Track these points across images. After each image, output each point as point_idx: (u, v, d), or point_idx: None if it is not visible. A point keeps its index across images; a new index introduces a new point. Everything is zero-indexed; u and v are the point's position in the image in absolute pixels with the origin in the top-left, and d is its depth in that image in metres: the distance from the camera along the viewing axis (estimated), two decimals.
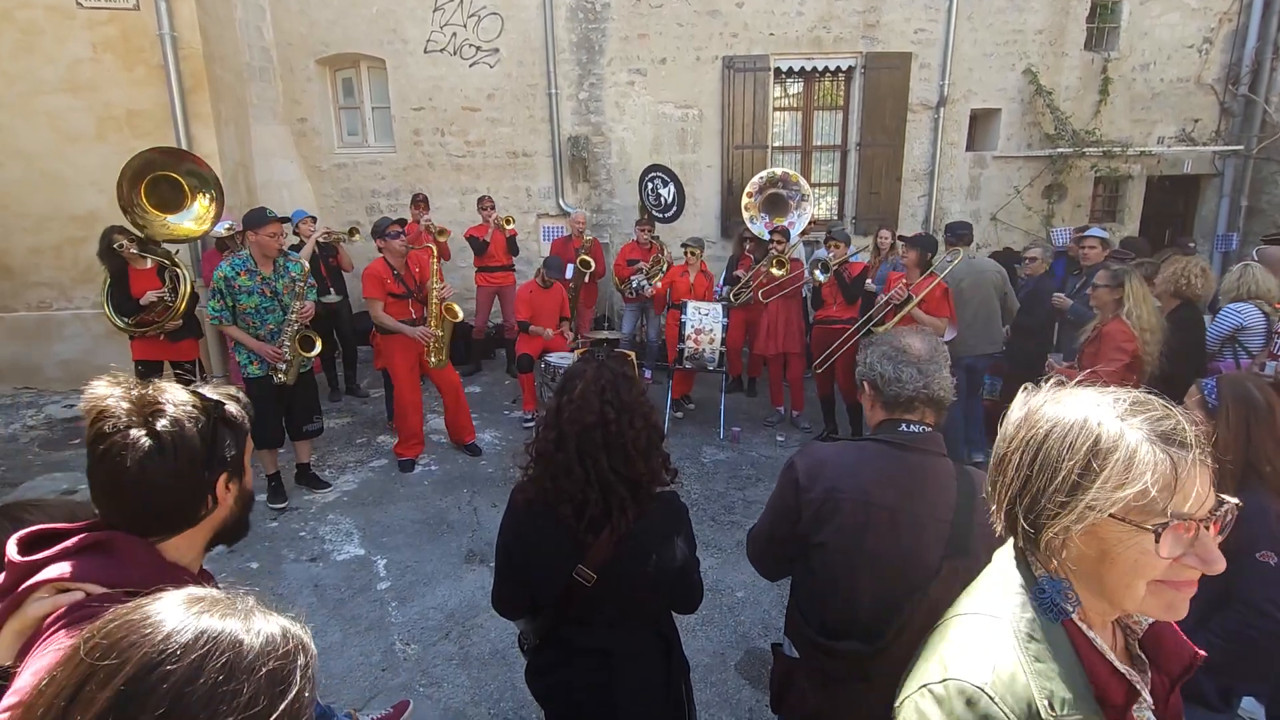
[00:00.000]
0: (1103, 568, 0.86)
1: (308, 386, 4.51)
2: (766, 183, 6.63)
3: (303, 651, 0.69)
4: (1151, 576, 0.83)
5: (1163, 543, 0.80)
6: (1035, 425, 0.91)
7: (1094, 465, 0.83)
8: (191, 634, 0.63)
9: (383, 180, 8.21)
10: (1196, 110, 8.04)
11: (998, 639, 0.91)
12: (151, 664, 0.61)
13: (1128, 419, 0.85)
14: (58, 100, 6.11)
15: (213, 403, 1.09)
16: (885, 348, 1.60)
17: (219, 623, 0.65)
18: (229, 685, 0.62)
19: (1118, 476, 0.81)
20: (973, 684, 0.88)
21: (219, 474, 1.08)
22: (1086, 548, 0.86)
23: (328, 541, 4.10)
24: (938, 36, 7.74)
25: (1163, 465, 0.80)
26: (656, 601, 1.71)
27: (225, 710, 0.61)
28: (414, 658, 3.11)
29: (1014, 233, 8.22)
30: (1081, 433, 0.85)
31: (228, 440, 1.10)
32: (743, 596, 3.53)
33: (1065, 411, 0.89)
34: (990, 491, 0.97)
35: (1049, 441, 0.88)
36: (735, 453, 5.44)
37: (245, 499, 1.18)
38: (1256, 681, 2.00)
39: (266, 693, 0.63)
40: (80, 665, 0.61)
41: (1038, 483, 0.88)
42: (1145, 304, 3.54)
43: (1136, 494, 0.80)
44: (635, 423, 1.60)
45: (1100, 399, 0.89)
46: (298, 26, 7.74)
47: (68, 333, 6.48)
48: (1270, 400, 2.03)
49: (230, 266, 4.12)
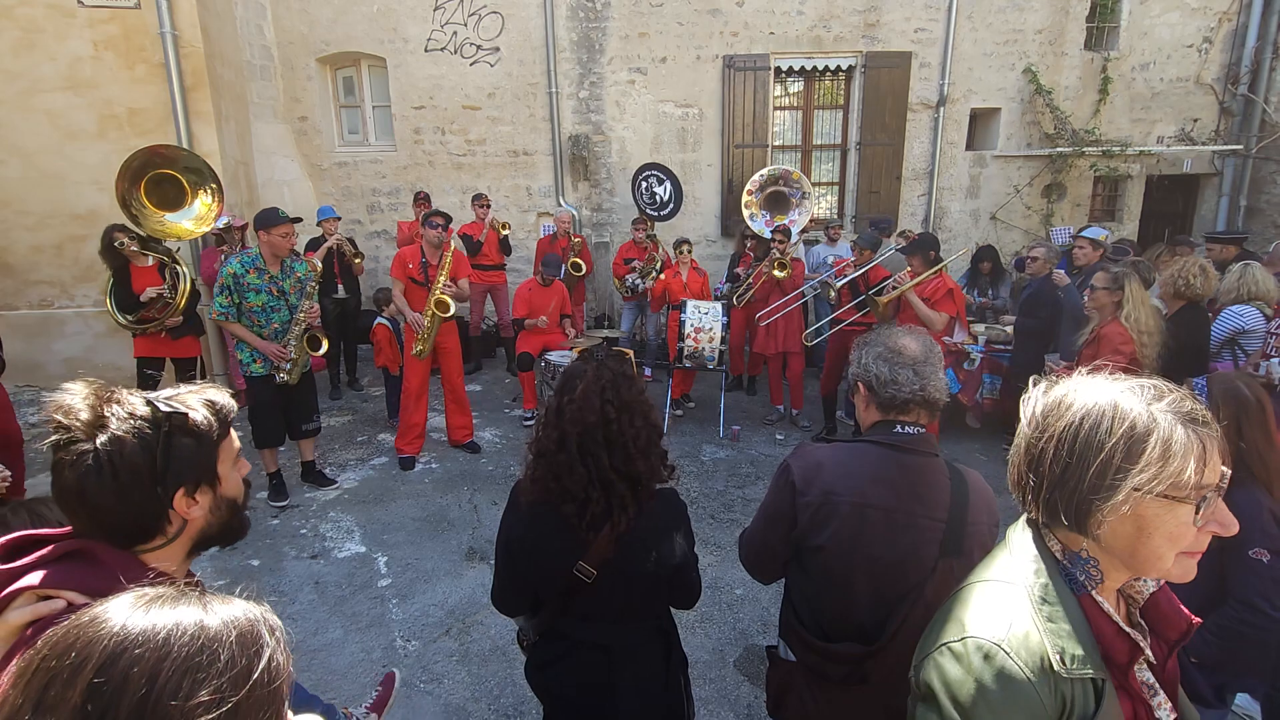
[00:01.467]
0: (1138, 542, 0.92)
1: (307, 386, 4.52)
2: (768, 180, 6.63)
3: (265, 620, 0.67)
4: (1182, 547, 0.90)
5: (1202, 513, 0.88)
6: (1066, 415, 0.95)
7: (1134, 450, 0.88)
8: (149, 621, 0.62)
9: (383, 179, 8.22)
10: (1196, 110, 8.04)
11: (1014, 601, 0.97)
12: (116, 652, 0.59)
13: (1154, 404, 0.91)
14: (58, 98, 6.12)
15: (166, 414, 1.02)
16: (880, 349, 1.59)
17: (174, 609, 0.64)
18: (202, 655, 0.60)
19: (1160, 457, 0.87)
20: (990, 640, 0.95)
21: (175, 489, 1.03)
22: (1122, 525, 0.91)
23: (329, 539, 4.12)
24: (938, 36, 7.75)
25: (1195, 444, 0.88)
26: (656, 597, 1.72)
27: (205, 677, 0.59)
28: (414, 654, 3.13)
29: (1014, 232, 8.24)
30: (1115, 420, 0.91)
31: (184, 453, 1.04)
32: (741, 594, 3.54)
33: (1095, 400, 0.94)
34: (1022, 483, 1.01)
35: (1084, 430, 0.93)
36: (735, 451, 5.45)
37: (224, 506, 1.12)
38: (1251, 678, 2.01)
39: (241, 653, 0.62)
40: (36, 674, 0.59)
41: (1078, 470, 0.92)
42: (1144, 306, 3.54)
43: (1177, 470, 0.86)
44: (635, 421, 1.62)
45: (1124, 387, 0.95)
46: (298, 25, 7.74)
47: (69, 331, 6.49)
48: (1261, 398, 2.05)
49: (239, 264, 4.14)
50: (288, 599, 3.52)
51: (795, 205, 6.62)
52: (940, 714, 0.96)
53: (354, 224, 8.26)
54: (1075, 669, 0.91)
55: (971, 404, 5.63)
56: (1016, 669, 0.92)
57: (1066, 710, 0.92)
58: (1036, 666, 0.91)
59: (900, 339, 1.61)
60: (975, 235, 8.34)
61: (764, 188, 6.63)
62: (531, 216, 8.31)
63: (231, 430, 1.14)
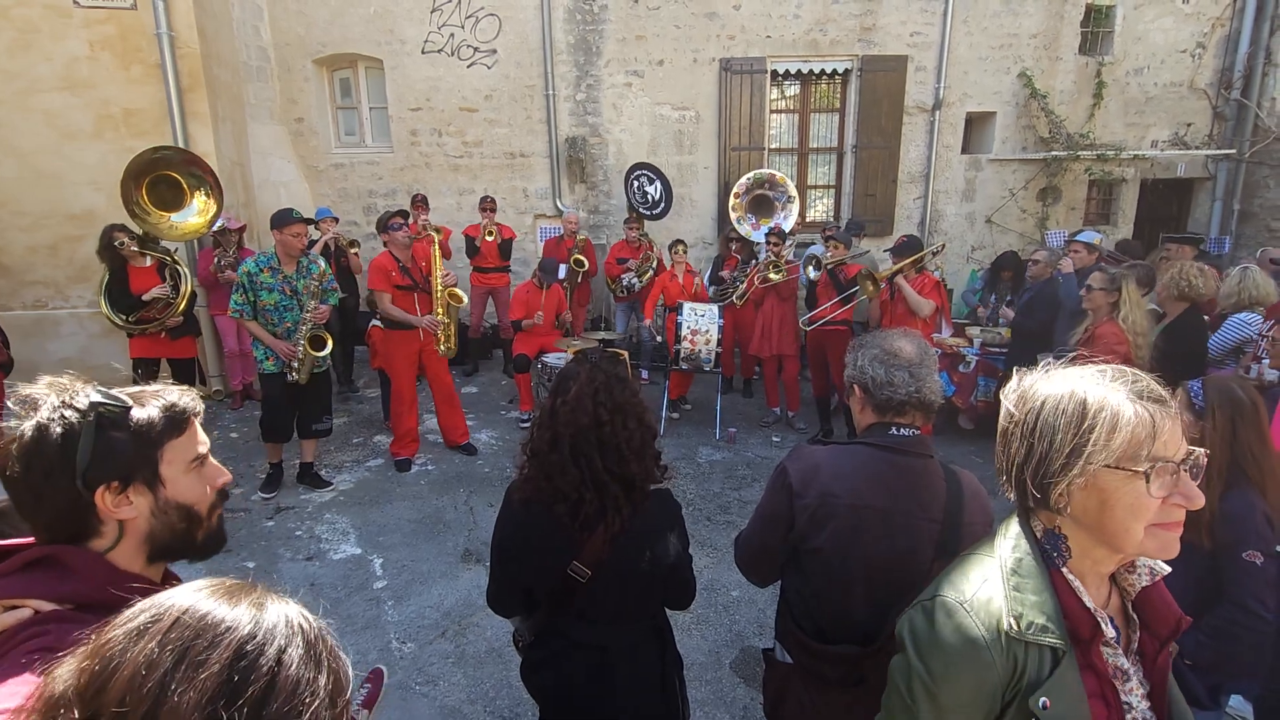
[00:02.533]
0: (1104, 515, 0.97)
1: (321, 386, 4.54)
2: (753, 184, 6.67)
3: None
4: (1147, 519, 0.95)
5: (1152, 483, 0.92)
6: (1031, 400, 1.04)
7: (1085, 424, 0.96)
8: (264, 613, 0.65)
9: (380, 180, 8.22)
10: (1189, 114, 8.09)
11: (987, 569, 1.07)
12: (251, 633, 0.62)
13: (1108, 385, 0.98)
14: (54, 98, 6.10)
15: (93, 405, 0.97)
16: (876, 351, 1.60)
17: (271, 604, 0.67)
18: (317, 644, 0.66)
19: (1108, 431, 0.94)
20: (954, 599, 1.04)
21: (96, 485, 0.97)
22: (1088, 500, 0.98)
23: (324, 541, 4.11)
24: (933, 40, 7.78)
25: (1142, 416, 0.94)
26: (651, 597, 1.73)
27: (317, 672, 0.64)
28: (410, 656, 3.12)
29: (1009, 235, 8.27)
30: (1071, 400, 0.99)
31: (111, 447, 0.98)
32: (738, 595, 3.55)
33: (1055, 386, 1.03)
34: (999, 465, 1.10)
35: (1044, 411, 1.01)
36: (731, 453, 5.46)
37: (174, 511, 1.05)
38: (1244, 679, 2.02)
39: (329, 643, 0.68)
40: (182, 628, 0.60)
41: (1040, 448, 1.00)
42: (1139, 308, 3.56)
43: (1125, 442, 0.93)
44: (629, 424, 1.63)
45: (1083, 372, 1.02)
46: (295, 26, 7.74)
47: (64, 331, 6.47)
48: (1255, 400, 2.06)
49: (254, 263, 4.20)
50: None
51: (779, 209, 6.67)
52: (907, 662, 1.07)
53: (351, 225, 8.24)
54: (1031, 635, 0.98)
55: (966, 406, 5.65)
56: (972, 625, 1.00)
57: (1018, 672, 0.98)
58: (992, 627, 0.99)
59: (896, 341, 1.62)
60: (971, 238, 8.38)
61: (749, 191, 6.67)
62: (528, 218, 8.31)
63: (189, 433, 1.07)
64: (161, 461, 1.03)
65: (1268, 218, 7.81)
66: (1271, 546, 1.96)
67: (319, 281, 4.35)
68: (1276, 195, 7.80)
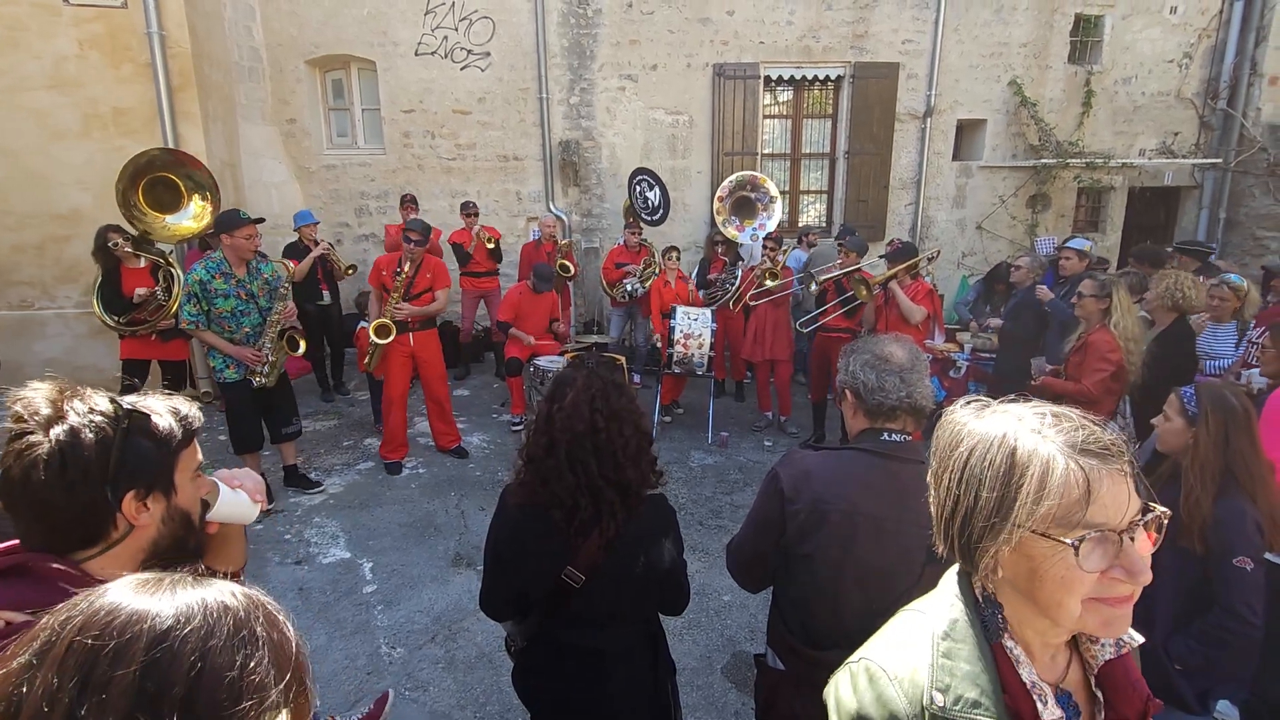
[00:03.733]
0: (1033, 585, 0.84)
1: (284, 389, 4.44)
2: (736, 186, 6.71)
3: (264, 596, 0.68)
4: (1083, 593, 0.81)
5: (1083, 555, 0.78)
6: (960, 444, 0.90)
7: (1014, 480, 0.82)
8: (179, 600, 0.60)
9: (372, 182, 8.18)
10: (1177, 124, 8.19)
11: (917, 631, 0.94)
12: (163, 629, 0.57)
13: (1044, 432, 0.84)
14: (42, 97, 6.04)
15: (126, 413, 1.00)
16: (868, 356, 1.61)
17: (192, 589, 0.62)
18: (244, 627, 0.60)
19: (1035, 492, 0.80)
20: (878, 664, 0.94)
21: (124, 491, 0.99)
22: (1017, 565, 0.85)
23: (313, 544, 4.07)
24: (925, 47, 7.84)
25: (1075, 476, 0.79)
26: (644, 603, 1.73)
27: (250, 649, 0.59)
28: (400, 661, 3.10)
29: (999, 241, 8.33)
30: (1000, 449, 0.85)
31: (140, 455, 1.01)
32: (729, 600, 3.54)
33: (987, 427, 0.88)
34: (931, 510, 0.96)
35: (972, 459, 0.87)
36: (723, 457, 5.46)
37: (178, 518, 1.07)
38: (1232, 684, 2.04)
39: (271, 625, 0.62)
40: (72, 653, 0.55)
41: (965, 502, 0.87)
42: (1130, 314, 3.58)
43: (1053, 505, 0.79)
44: (625, 430, 1.62)
45: (1021, 413, 0.88)
46: (288, 27, 7.71)
47: (50, 332, 6.39)
48: (1247, 407, 2.08)
49: (205, 269, 4.02)
50: None
51: (761, 210, 6.71)
52: None
53: (342, 227, 8.21)
54: (959, 711, 0.85)
55: None
56: (893, 696, 0.89)
57: None
58: (915, 699, 0.88)
59: (887, 346, 1.62)
60: (961, 244, 8.44)
61: (732, 193, 6.70)
62: (521, 221, 8.30)
63: (195, 443, 1.11)
64: (176, 469, 1.06)
65: (1253, 226, 7.91)
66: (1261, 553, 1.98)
67: (283, 283, 4.26)
68: (1262, 204, 7.90)
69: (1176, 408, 2.16)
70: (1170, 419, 2.17)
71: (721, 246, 6.68)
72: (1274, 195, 7.73)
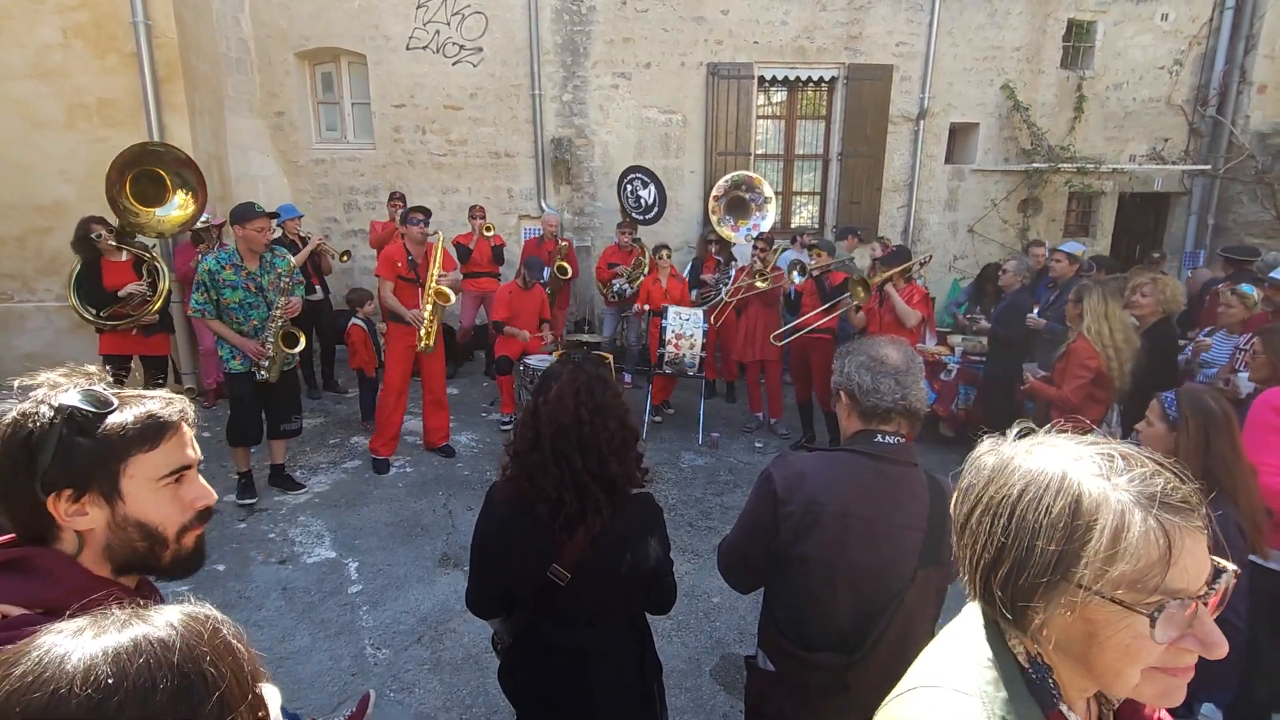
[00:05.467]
0: (1091, 651, 0.72)
1: (289, 384, 4.42)
2: (731, 186, 6.71)
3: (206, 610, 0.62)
4: (1146, 663, 0.70)
5: (1158, 627, 0.67)
6: (1008, 481, 0.77)
7: (1078, 535, 0.70)
8: (108, 657, 0.54)
9: (361, 177, 8.11)
10: (1167, 130, 8.25)
11: (962, 710, 0.77)
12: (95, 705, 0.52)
13: (1113, 478, 0.72)
14: (25, 87, 5.93)
15: (59, 407, 0.94)
16: (863, 358, 1.60)
17: (104, 634, 0.56)
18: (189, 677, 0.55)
19: (1106, 550, 0.68)
20: None
21: (50, 489, 0.93)
22: (1070, 628, 0.73)
23: (298, 544, 4.02)
24: (919, 50, 7.86)
25: (1155, 534, 0.68)
26: (631, 601, 1.72)
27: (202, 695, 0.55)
28: (385, 662, 3.05)
29: (990, 245, 8.36)
30: (1060, 496, 0.72)
31: (69, 454, 0.93)
32: (718, 602, 3.52)
33: (1039, 466, 0.76)
34: (957, 553, 0.84)
35: (1023, 504, 0.74)
36: (714, 458, 5.44)
37: (132, 528, 0.99)
38: (1217, 688, 2.04)
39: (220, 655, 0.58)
40: None
41: (1014, 553, 0.74)
42: (1109, 320, 3.57)
43: (1128, 569, 0.68)
44: (609, 424, 1.62)
45: (1079, 452, 0.76)
46: (277, 19, 7.62)
47: (30, 325, 6.28)
48: (1227, 411, 2.11)
49: (215, 260, 4.06)
50: (254, 605, 3.43)
51: (755, 210, 6.71)
52: None
53: (331, 222, 8.13)
54: None
55: (947, 414, 5.69)
56: None
57: None
58: None
59: (882, 348, 1.61)
60: (953, 247, 8.47)
61: (727, 193, 6.70)
62: (512, 219, 8.25)
63: (166, 447, 1.01)
64: (123, 475, 0.98)
65: (1241, 233, 7.98)
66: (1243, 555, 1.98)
67: (287, 277, 4.23)
68: (1250, 211, 7.97)
69: (1158, 413, 2.18)
70: (1152, 424, 2.19)
71: (715, 246, 6.66)
72: (1262, 202, 7.80)
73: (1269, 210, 7.71)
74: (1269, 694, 2.47)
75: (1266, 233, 7.75)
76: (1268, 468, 2.36)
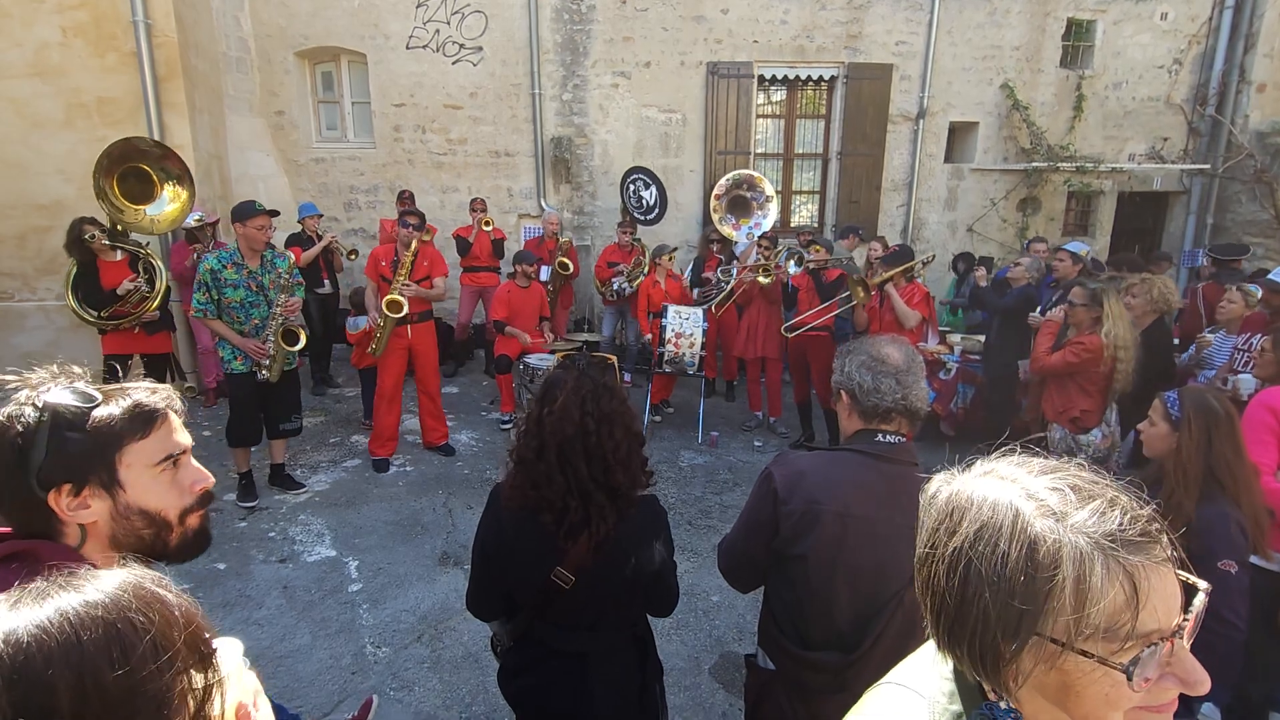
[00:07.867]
0: (1068, 701, 0.69)
1: (290, 384, 4.41)
2: (732, 185, 6.71)
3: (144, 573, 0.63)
4: (1129, 706, 0.67)
5: (1136, 677, 0.64)
6: (960, 528, 0.72)
7: (1037, 589, 0.66)
8: (30, 615, 0.55)
9: (361, 176, 8.10)
10: (1166, 129, 8.26)
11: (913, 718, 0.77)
12: (21, 661, 0.53)
13: (1069, 516, 0.67)
14: (24, 85, 5.93)
15: (46, 403, 0.95)
16: (864, 357, 1.60)
17: (47, 599, 0.57)
18: (115, 626, 0.55)
19: (1071, 605, 0.65)
20: None
21: (48, 485, 0.95)
22: (1045, 679, 0.69)
23: (298, 542, 4.02)
24: (918, 49, 7.86)
25: (1120, 582, 0.64)
26: (633, 604, 1.71)
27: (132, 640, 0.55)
28: (385, 661, 3.06)
29: (989, 244, 8.36)
30: (1014, 541, 0.67)
31: (71, 447, 0.95)
32: (718, 601, 3.53)
33: (992, 505, 0.70)
34: (918, 593, 0.79)
35: (976, 551, 0.69)
36: (713, 457, 5.45)
37: (136, 516, 1.01)
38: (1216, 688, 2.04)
39: (148, 604, 0.58)
40: None
41: (972, 610, 0.70)
42: (1122, 322, 3.58)
43: (1097, 621, 0.64)
44: (615, 433, 1.60)
45: (1031, 485, 0.71)
46: (277, 17, 7.61)
47: (30, 324, 6.28)
48: (1230, 411, 2.11)
49: (217, 259, 4.05)
50: (254, 604, 3.43)
51: (756, 209, 6.72)
52: None
53: (331, 221, 8.11)
54: None
55: (946, 413, 5.70)
56: None
57: None
58: None
59: (883, 348, 1.61)
60: (953, 246, 8.46)
61: (729, 192, 6.70)
62: (512, 218, 8.25)
63: (158, 434, 1.03)
64: (120, 464, 1.00)
65: (1240, 232, 7.98)
66: (1245, 555, 1.99)
67: (288, 275, 4.22)
68: (1249, 210, 7.97)
69: (1161, 412, 2.17)
70: (1155, 424, 2.18)
71: (717, 244, 6.66)
72: (1260, 201, 7.80)
73: (1268, 209, 7.72)
74: (1264, 694, 2.48)
75: (1265, 232, 7.76)
76: (1262, 467, 2.37)
